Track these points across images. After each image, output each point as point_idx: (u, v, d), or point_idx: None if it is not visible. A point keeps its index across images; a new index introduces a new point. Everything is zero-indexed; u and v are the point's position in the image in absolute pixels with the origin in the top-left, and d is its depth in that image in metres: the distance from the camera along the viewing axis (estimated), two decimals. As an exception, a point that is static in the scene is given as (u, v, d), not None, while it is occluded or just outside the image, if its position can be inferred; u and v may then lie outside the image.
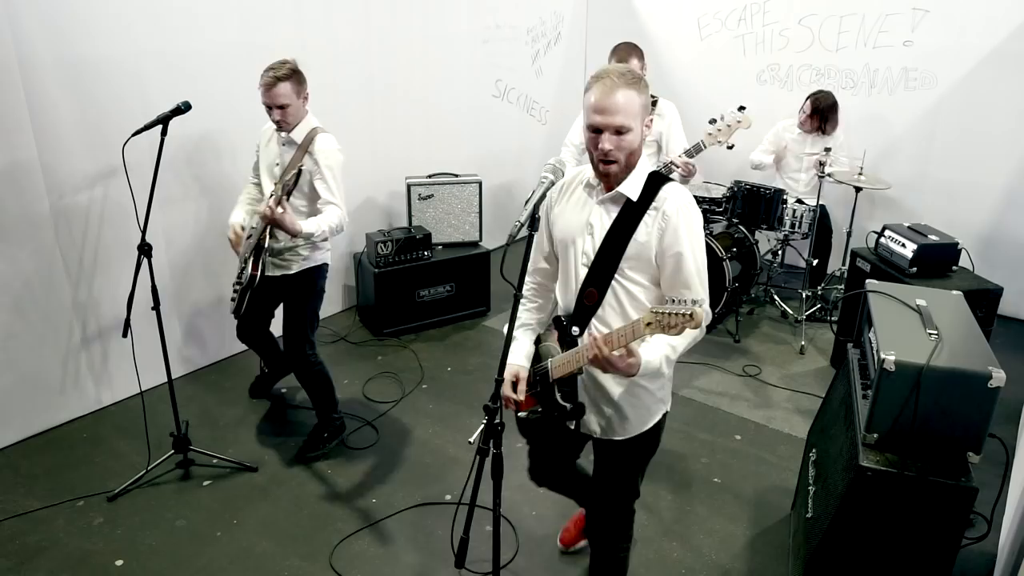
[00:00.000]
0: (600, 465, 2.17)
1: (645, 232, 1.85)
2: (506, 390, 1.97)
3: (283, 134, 3.14)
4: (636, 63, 3.68)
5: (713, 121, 3.80)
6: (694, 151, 3.85)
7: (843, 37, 5.28)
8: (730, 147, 3.89)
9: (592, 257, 1.91)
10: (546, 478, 2.40)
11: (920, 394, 2.08)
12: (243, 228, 3.29)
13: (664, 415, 2.11)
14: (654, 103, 3.82)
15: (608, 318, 1.92)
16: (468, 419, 3.67)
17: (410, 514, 3.04)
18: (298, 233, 2.97)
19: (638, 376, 1.80)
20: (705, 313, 1.86)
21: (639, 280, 1.90)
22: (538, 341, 2.11)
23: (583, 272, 1.94)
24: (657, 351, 1.81)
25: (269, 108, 3.06)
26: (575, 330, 1.94)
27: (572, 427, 2.01)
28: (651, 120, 1.87)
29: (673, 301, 1.60)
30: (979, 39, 4.78)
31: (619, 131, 1.77)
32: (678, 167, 3.82)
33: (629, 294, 1.90)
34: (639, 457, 2.13)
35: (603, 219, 1.90)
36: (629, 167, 1.85)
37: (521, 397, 1.98)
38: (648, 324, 1.64)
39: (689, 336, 1.85)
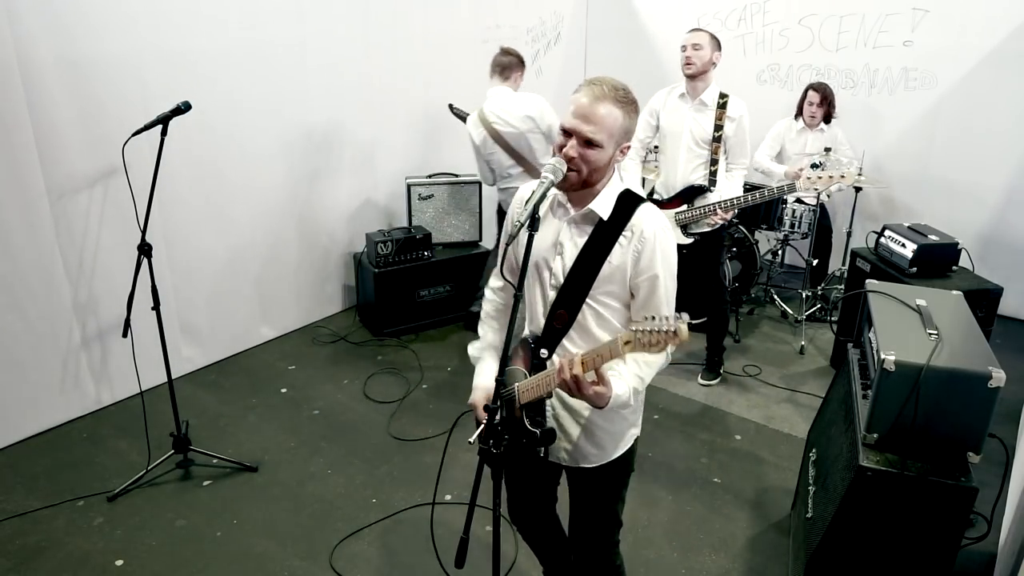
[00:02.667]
0: (575, 495, 2.10)
1: (620, 254, 1.79)
2: (480, 415, 1.91)
3: None
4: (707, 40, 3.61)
5: (816, 166, 3.56)
6: (767, 194, 3.64)
7: (843, 37, 5.29)
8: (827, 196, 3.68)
9: (562, 278, 1.85)
10: (525, 516, 2.30)
11: (920, 394, 2.08)
12: None
13: (636, 440, 2.05)
14: (724, 104, 3.64)
15: (578, 340, 1.87)
16: (468, 419, 3.67)
17: (410, 514, 3.04)
18: None
19: (607, 409, 1.73)
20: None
21: (610, 303, 1.84)
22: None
23: (552, 293, 1.88)
24: (625, 383, 1.76)
25: None
26: (543, 352, 1.89)
27: (541, 454, 1.95)
28: (627, 147, 1.79)
29: (651, 318, 1.53)
30: (979, 39, 4.78)
31: (588, 143, 1.71)
32: (717, 220, 3.68)
33: (600, 316, 1.85)
34: (613, 484, 2.06)
35: (573, 239, 1.84)
36: (588, 183, 1.77)
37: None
38: (627, 343, 1.56)
39: (657, 364, 1.83)
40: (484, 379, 2.01)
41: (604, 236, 1.80)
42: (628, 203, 1.82)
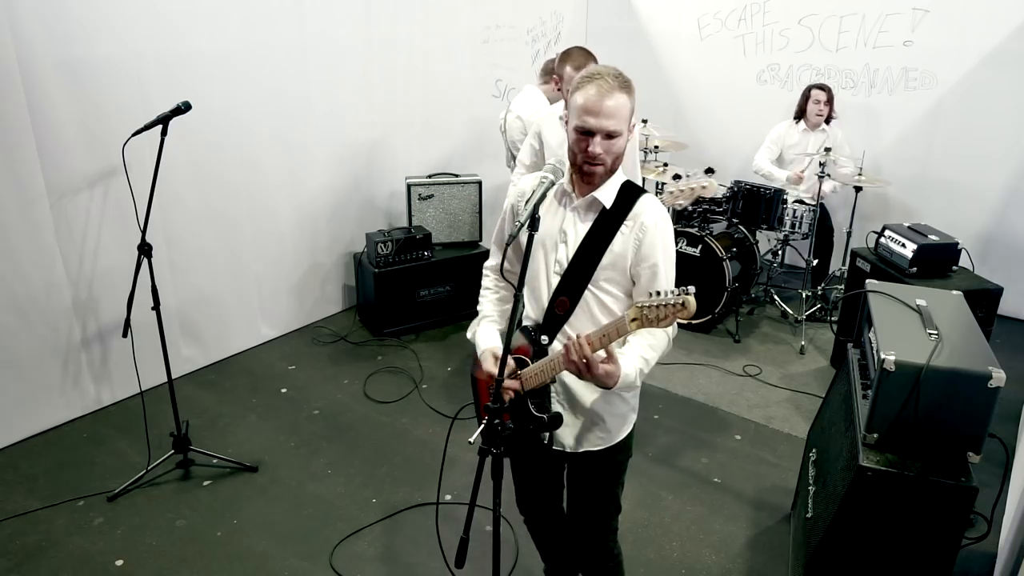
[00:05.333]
0: (577, 481, 2.11)
1: (622, 242, 1.84)
2: (493, 372, 1.86)
3: None
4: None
5: (678, 177, 3.45)
6: None
7: (843, 37, 5.29)
8: (688, 211, 3.53)
9: (565, 265, 1.89)
10: (532, 507, 2.31)
11: (920, 394, 2.08)
12: None
13: (634, 424, 2.08)
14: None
15: (579, 327, 1.88)
16: (468, 419, 3.67)
17: (410, 514, 3.04)
18: None
19: (615, 389, 1.77)
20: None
21: (611, 290, 1.88)
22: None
23: (555, 280, 1.91)
24: (632, 363, 1.78)
25: None
26: (544, 339, 1.92)
27: (545, 441, 1.97)
28: (635, 124, 1.85)
29: (656, 294, 1.57)
30: (979, 39, 4.78)
31: (610, 135, 1.76)
32: None
33: (601, 303, 1.89)
34: (615, 468, 2.09)
35: (577, 226, 1.88)
36: (612, 171, 1.84)
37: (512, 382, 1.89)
38: (633, 320, 1.61)
39: (661, 348, 1.85)
40: (489, 342, 2.01)
41: (607, 224, 1.85)
42: (630, 193, 1.87)
